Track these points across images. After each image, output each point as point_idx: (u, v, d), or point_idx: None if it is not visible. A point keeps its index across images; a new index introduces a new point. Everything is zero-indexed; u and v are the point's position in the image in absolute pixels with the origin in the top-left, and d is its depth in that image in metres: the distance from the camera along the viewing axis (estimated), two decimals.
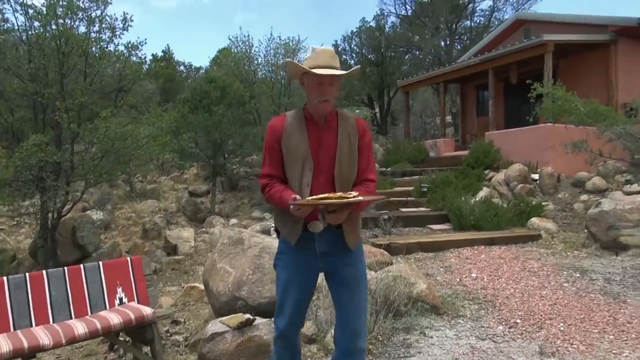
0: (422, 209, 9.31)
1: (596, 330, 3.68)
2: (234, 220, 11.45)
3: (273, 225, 9.72)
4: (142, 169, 9.14)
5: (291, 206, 2.10)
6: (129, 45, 7.68)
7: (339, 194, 2.08)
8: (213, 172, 12.85)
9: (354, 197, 2.05)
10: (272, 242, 4.41)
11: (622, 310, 4.10)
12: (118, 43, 7.72)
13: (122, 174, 8.34)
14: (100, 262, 3.70)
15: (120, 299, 3.68)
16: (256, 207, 12.17)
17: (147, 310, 3.40)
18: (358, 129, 2.36)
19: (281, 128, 2.31)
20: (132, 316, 3.30)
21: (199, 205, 12.61)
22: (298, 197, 2.15)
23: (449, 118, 23.52)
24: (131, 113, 9.21)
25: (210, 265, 4.50)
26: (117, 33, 7.42)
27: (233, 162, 13.81)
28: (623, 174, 9.75)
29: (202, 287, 5.49)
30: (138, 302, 3.68)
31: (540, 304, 4.40)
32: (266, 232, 9.50)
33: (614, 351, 3.30)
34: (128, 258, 3.83)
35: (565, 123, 8.68)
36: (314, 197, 2.09)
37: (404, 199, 9.71)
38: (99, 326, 3.16)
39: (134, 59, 8.04)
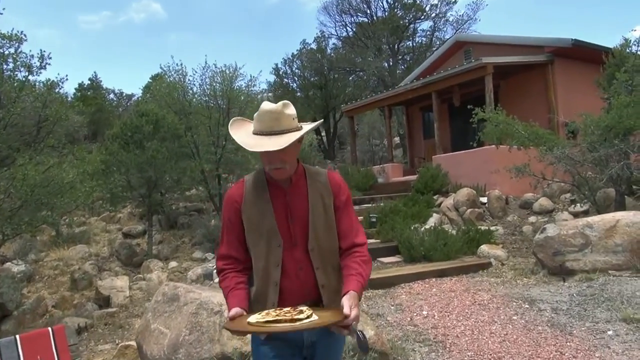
0: (372, 240, 9.45)
1: None
2: (173, 263, 11.21)
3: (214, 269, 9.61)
4: (68, 216, 8.82)
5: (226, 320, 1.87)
6: (48, 84, 7.49)
7: (293, 312, 1.76)
8: (149, 210, 12.56)
9: (308, 316, 1.73)
10: (210, 297, 4.36)
11: (568, 343, 4.33)
12: (35, 81, 7.47)
13: (44, 223, 8.02)
14: (18, 336, 3.54)
15: None
16: (197, 247, 11.97)
17: None
18: (332, 187, 2.09)
19: (239, 198, 2.04)
20: None
21: (134, 247, 12.25)
22: (238, 310, 1.85)
23: (397, 139, 24.21)
24: (54, 153, 8.92)
25: (143, 327, 4.40)
26: (34, 71, 7.23)
27: (171, 198, 13.56)
28: (568, 194, 10.34)
29: None
30: None
31: (489, 342, 4.56)
32: (208, 275, 9.37)
33: None
34: (49, 329, 3.69)
35: (509, 145, 9.18)
36: (259, 316, 1.76)
37: None
38: None
39: (55, 96, 7.84)
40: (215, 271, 9.40)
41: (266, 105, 1.94)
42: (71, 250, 11.91)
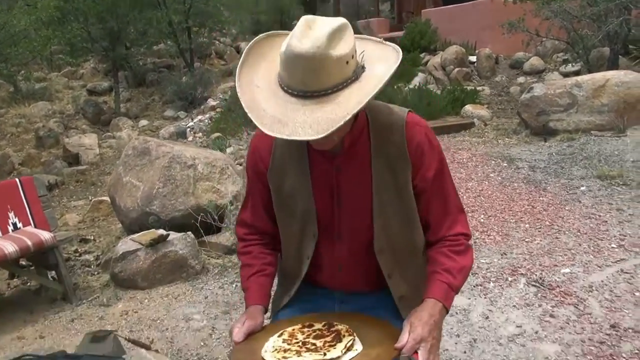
0: None
1: (513, 220, 4.17)
2: (144, 122, 11.22)
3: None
4: (24, 68, 8.56)
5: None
6: None
7: (327, 336, 1.28)
8: (114, 66, 12.24)
9: (347, 347, 1.22)
10: (183, 150, 4.46)
11: (540, 198, 4.62)
12: None
13: None
14: None
15: (14, 224, 3.69)
16: (168, 105, 11.91)
17: (45, 235, 3.46)
18: (411, 154, 1.36)
19: (266, 159, 1.45)
20: (29, 242, 3.36)
21: (101, 105, 12.15)
22: (250, 325, 1.36)
23: None
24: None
25: (115, 180, 4.54)
26: None
27: (137, 52, 13.15)
28: (561, 53, 10.28)
29: None
30: (35, 227, 3.71)
31: (464, 197, 4.83)
32: (181, 134, 9.46)
33: (526, 239, 3.79)
34: (17, 180, 3.79)
35: None
36: (279, 340, 1.29)
37: None
38: None
39: None
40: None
41: (296, 44, 1.12)
42: (33, 107, 11.75)
